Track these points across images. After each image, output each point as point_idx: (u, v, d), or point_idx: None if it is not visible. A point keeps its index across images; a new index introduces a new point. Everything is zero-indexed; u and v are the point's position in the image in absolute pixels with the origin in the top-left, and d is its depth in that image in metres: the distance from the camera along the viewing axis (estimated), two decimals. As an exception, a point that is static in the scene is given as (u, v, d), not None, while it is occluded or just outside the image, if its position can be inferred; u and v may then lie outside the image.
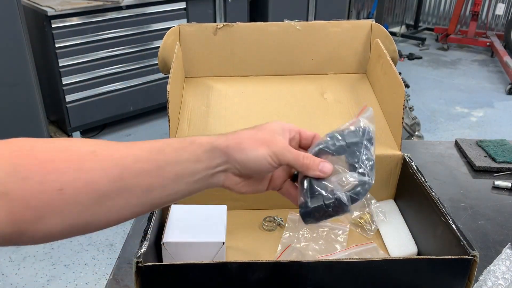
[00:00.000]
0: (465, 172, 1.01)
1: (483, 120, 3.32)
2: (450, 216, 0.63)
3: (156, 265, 0.55)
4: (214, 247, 0.64)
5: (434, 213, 0.67)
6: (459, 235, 0.59)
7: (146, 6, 2.75)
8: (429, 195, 0.69)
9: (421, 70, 4.30)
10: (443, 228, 0.64)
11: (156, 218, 0.64)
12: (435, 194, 0.68)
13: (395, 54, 0.91)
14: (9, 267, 1.92)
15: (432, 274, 0.57)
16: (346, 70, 0.99)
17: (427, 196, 0.70)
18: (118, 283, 0.69)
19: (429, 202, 0.69)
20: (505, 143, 1.09)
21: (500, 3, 5.02)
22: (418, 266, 0.57)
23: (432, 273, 0.57)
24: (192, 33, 0.93)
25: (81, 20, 2.54)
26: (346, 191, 0.51)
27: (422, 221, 0.74)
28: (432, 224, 0.68)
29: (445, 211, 0.64)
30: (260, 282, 0.57)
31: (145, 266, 0.54)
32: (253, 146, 0.50)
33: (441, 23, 5.48)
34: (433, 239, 0.69)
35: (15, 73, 2.28)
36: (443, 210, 0.64)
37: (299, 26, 0.95)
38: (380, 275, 0.58)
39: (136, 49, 2.82)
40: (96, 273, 1.90)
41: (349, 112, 0.89)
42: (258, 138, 0.51)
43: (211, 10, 3.02)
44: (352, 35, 0.96)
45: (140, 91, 2.93)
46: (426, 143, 1.14)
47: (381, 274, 0.57)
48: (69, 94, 2.64)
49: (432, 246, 0.70)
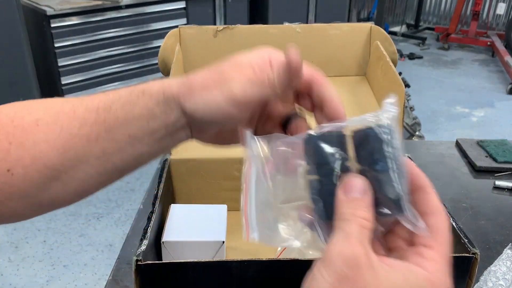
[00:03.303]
0: (466, 172, 1.01)
1: (484, 120, 3.32)
2: (450, 214, 0.63)
3: (156, 263, 0.55)
4: (214, 246, 0.64)
5: (435, 213, 0.67)
6: (459, 233, 0.59)
7: (145, 5, 2.75)
8: (429, 196, 0.69)
9: (421, 69, 4.30)
10: (444, 228, 0.63)
11: (156, 217, 0.63)
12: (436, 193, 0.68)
13: (394, 56, 0.91)
14: (8, 267, 1.92)
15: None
16: (346, 73, 0.99)
17: (428, 197, 0.69)
18: (117, 283, 0.69)
19: (429, 203, 0.68)
20: (506, 143, 1.09)
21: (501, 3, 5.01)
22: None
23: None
24: (193, 36, 0.93)
25: (80, 20, 2.54)
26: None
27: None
28: (433, 224, 0.68)
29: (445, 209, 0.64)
30: (260, 281, 0.56)
31: (145, 265, 0.53)
32: (204, 88, 0.38)
33: (441, 22, 5.48)
34: (434, 240, 0.68)
35: (14, 72, 2.28)
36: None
37: (299, 29, 0.95)
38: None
39: (136, 48, 2.82)
40: (96, 274, 1.90)
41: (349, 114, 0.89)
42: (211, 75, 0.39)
43: (210, 10, 3.02)
44: (352, 38, 0.96)
45: (140, 91, 2.92)
46: (426, 143, 1.14)
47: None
48: (68, 94, 2.64)
49: (433, 247, 0.69)
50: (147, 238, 0.57)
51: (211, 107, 0.38)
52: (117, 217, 2.24)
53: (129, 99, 0.40)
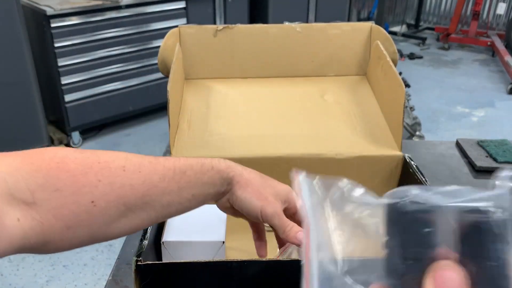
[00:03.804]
0: (466, 172, 1.01)
1: (484, 120, 3.32)
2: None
3: (156, 263, 0.55)
4: (214, 247, 0.63)
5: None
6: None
7: (145, 5, 2.75)
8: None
9: (422, 69, 4.30)
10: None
11: (155, 219, 0.63)
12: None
13: (395, 56, 0.91)
14: (8, 267, 1.92)
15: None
16: (346, 72, 0.99)
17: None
18: (117, 283, 0.68)
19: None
20: (506, 143, 1.09)
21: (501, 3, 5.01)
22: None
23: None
24: (192, 35, 0.93)
25: (80, 20, 2.54)
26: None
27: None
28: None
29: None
30: (260, 281, 0.56)
31: (145, 265, 0.53)
32: (253, 194, 0.55)
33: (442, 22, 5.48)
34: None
35: (14, 72, 2.27)
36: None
37: (299, 28, 0.95)
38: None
39: (136, 48, 2.81)
40: (95, 274, 1.90)
41: (349, 113, 0.89)
42: (261, 191, 0.56)
43: (210, 10, 3.01)
44: (352, 37, 0.96)
45: (140, 91, 2.92)
46: (427, 143, 1.14)
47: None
48: (68, 93, 2.64)
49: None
50: (147, 238, 0.57)
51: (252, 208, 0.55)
52: (117, 217, 2.24)
53: (200, 169, 0.53)
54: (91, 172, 0.45)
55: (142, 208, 0.48)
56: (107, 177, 0.45)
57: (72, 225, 0.43)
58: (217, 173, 0.54)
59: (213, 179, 0.53)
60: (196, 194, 0.52)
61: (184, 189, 0.51)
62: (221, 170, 0.54)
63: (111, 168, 0.46)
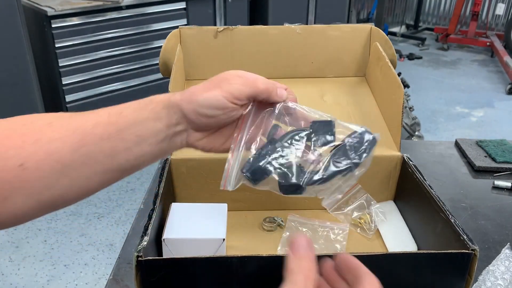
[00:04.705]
0: (465, 172, 1.02)
1: (483, 120, 3.33)
2: (449, 212, 0.63)
3: (156, 259, 0.55)
4: (215, 244, 0.64)
5: (433, 210, 0.67)
6: (458, 230, 0.59)
7: (146, 6, 2.75)
8: (428, 193, 0.69)
9: (421, 70, 4.31)
10: (443, 225, 0.64)
11: (157, 216, 0.64)
12: (435, 192, 0.68)
13: (394, 58, 0.92)
14: (9, 267, 1.93)
15: (432, 269, 0.57)
16: (345, 74, 1.00)
17: (426, 194, 0.70)
18: (118, 283, 0.69)
19: (428, 200, 0.69)
20: (505, 143, 1.09)
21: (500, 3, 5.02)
22: (418, 261, 0.57)
23: (432, 268, 0.57)
24: (193, 36, 0.94)
25: (81, 20, 2.54)
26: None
27: (422, 220, 0.74)
28: (432, 221, 0.68)
29: (444, 207, 0.64)
30: (260, 276, 0.57)
31: (145, 260, 0.54)
32: (204, 91, 0.48)
33: (441, 23, 5.48)
34: (433, 237, 0.69)
35: (15, 73, 2.28)
36: (443, 207, 0.64)
37: (299, 30, 0.95)
38: (379, 270, 0.57)
39: (136, 49, 2.82)
40: (96, 273, 1.91)
41: (348, 114, 0.90)
42: (209, 83, 0.49)
43: (211, 10, 3.02)
44: (352, 39, 0.97)
45: (140, 91, 2.93)
46: (426, 143, 1.15)
47: (380, 269, 0.57)
48: (69, 94, 2.64)
49: (432, 243, 0.70)
50: (148, 234, 0.58)
51: (211, 101, 0.47)
52: (117, 216, 2.24)
53: (138, 106, 0.47)
54: (15, 134, 0.41)
55: (82, 163, 0.43)
56: (32, 136, 0.41)
57: (7, 194, 0.40)
58: (157, 104, 0.47)
59: (156, 111, 0.46)
60: (141, 134, 0.45)
61: (123, 130, 0.44)
62: (162, 99, 0.47)
63: (36, 126, 0.42)
